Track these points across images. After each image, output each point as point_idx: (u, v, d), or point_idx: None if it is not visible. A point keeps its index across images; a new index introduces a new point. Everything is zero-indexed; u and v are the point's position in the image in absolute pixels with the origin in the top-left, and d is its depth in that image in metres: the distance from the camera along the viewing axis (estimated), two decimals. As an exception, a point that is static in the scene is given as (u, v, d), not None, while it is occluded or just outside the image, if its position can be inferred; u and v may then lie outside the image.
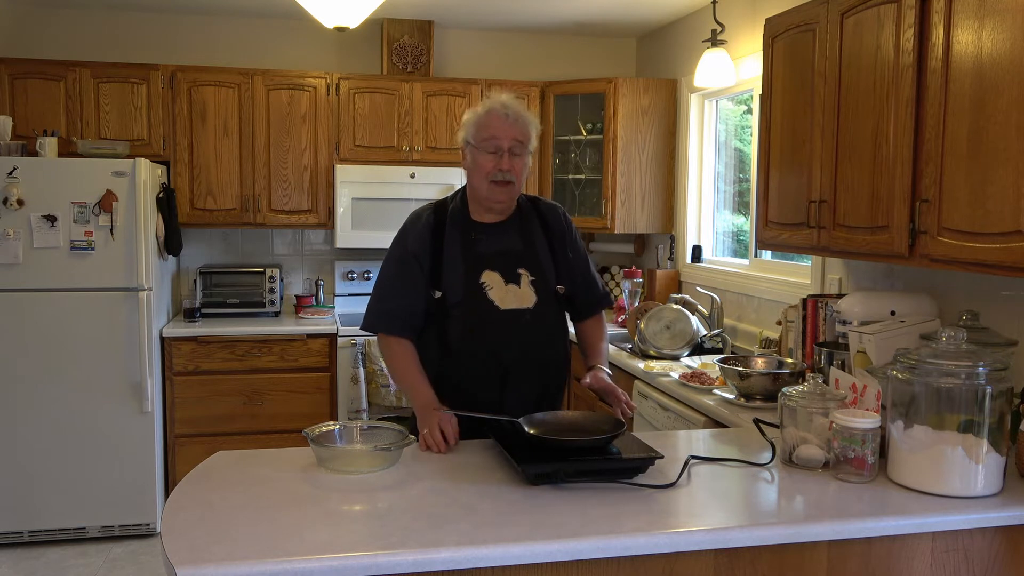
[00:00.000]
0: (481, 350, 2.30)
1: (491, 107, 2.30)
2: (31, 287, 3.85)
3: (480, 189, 2.32)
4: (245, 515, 1.67)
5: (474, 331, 2.30)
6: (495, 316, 2.30)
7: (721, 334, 3.79)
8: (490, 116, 2.29)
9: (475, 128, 2.31)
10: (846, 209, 2.57)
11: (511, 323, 2.30)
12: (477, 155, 2.30)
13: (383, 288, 2.39)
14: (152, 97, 4.36)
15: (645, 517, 1.69)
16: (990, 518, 1.79)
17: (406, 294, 2.34)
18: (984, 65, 2.01)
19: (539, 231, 2.43)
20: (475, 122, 2.32)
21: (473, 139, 2.31)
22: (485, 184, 2.30)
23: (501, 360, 2.30)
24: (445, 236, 2.35)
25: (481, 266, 2.32)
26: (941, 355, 1.87)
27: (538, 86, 4.79)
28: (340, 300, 4.88)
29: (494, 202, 2.33)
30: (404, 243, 2.38)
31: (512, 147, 2.28)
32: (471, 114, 2.35)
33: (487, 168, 2.28)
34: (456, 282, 2.31)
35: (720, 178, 4.47)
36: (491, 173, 2.28)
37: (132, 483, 4.00)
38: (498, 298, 2.31)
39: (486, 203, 2.34)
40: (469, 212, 2.39)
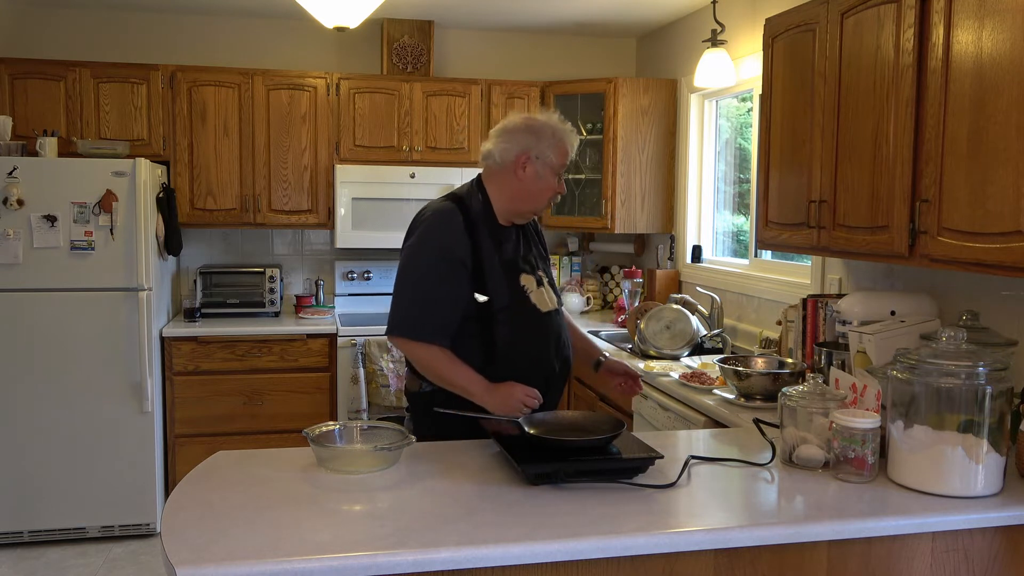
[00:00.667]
0: (528, 353, 2.32)
1: (567, 133, 2.35)
2: (31, 287, 3.85)
3: (534, 204, 2.35)
4: (245, 515, 1.67)
5: (523, 336, 2.32)
6: (539, 319, 2.35)
7: (721, 334, 3.79)
8: (567, 142, 2.34)
9: (556, 149, 2.32)
10: (846, 209, 2.57)
11: (550, 325, 2.38)
12: (548, 175, 2.32)
13: (426, 293, 2.25)
14: (152, 97, 4.36)
15: (645, 517, 1.69)
16: (990, 518, 1.79)
17: (453, 301, 2.25)
18: (984, 65, 2.01)
19: (531, 235, 2.49)
20: (557, 144, 2.32)
21: (550, 159, 2.31)
22: (542, 202, 2.35)
23: (547, 363, 2.36)
24: (479, 238, 2.29)
25: (516, 269, 2.35)
26: (941, 355, 1.87)
27: (538, 86, 4.79)
28: (340, 300, 4.88)
29: (533, 215, 2.41)
30: (443, 244, 2.26)
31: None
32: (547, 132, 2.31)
33: (552, 189, 2.34)
34: (500, 285, 2.29)
35: (720, 178, 4.47)
36: (553, 194, 2.36)
37: (132, 483, 4.00)
38: (537, 301, 2.36)
39: (525, 215, 2.38)
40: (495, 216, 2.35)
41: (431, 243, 2.28)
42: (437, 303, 2.25)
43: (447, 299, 2.25)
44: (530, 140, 2.30)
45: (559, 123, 2.35)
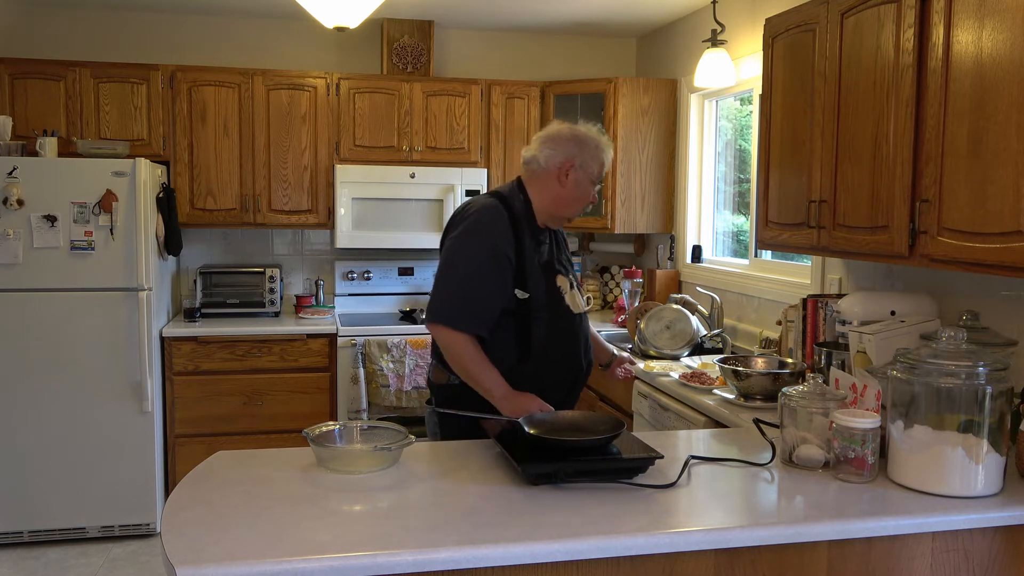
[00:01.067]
0: (560, 352, 2.41)
1: (607, 147, 2.47)
2: (31, 287, 3.85)
3: (571, 211, 2.45)
4: (245, 515, 1.67)
5: (557, 335, 2.40)
6: (571, 320, 2.45)
7: (721, 334, 3.79)
8: (607, 155, 2.47)
9: (598, 162, 2.44)
10: (846, 209, 2.57)
11: (581, 327, 2.48)
12: (586, 185, 2.44)
13: (472, 284, 2.30)
14: (152, 97, 4.36)
15: (645, 517, 1.69)
16: (990, 518, 1.79)
17: (497, 293, 2.31)
18: (984, 65, 2.01)
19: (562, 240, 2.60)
20: (598, 156, 2.44)
21: (590, 171, 2.43)
22: (579, 208, 2.46)
23: (577, 362, 2.46)
24: (523, 238, 2.37)
25: (552, 270, 2.44)
26: (941, 355, 1.87)
27: (538, 86, 4.79)
28: (340, 300, 4.88)
29: (567, 221, 2.51)
30: (490, 238, 2.32)
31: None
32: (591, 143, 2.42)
33: (588, 198, 2.46)
34: (539, 284, 2.38)
35: (720, 178, 4.47)
36: (587, 203, 2.48)
37: (132, 483, 4.00)
38: (571, 302, 2.46)
39: (559, 220, 2.48)
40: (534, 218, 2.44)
41: (478, 236, 2.34)
42: (480, 295, 2.31)
43: (490, 292, 2.31)
44: (575, 149, 2.41)
45: (600, 135, 2.46)
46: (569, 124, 2.47)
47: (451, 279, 2.33)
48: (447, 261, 2.36)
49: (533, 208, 2.42)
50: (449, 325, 2.30)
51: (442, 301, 2.33)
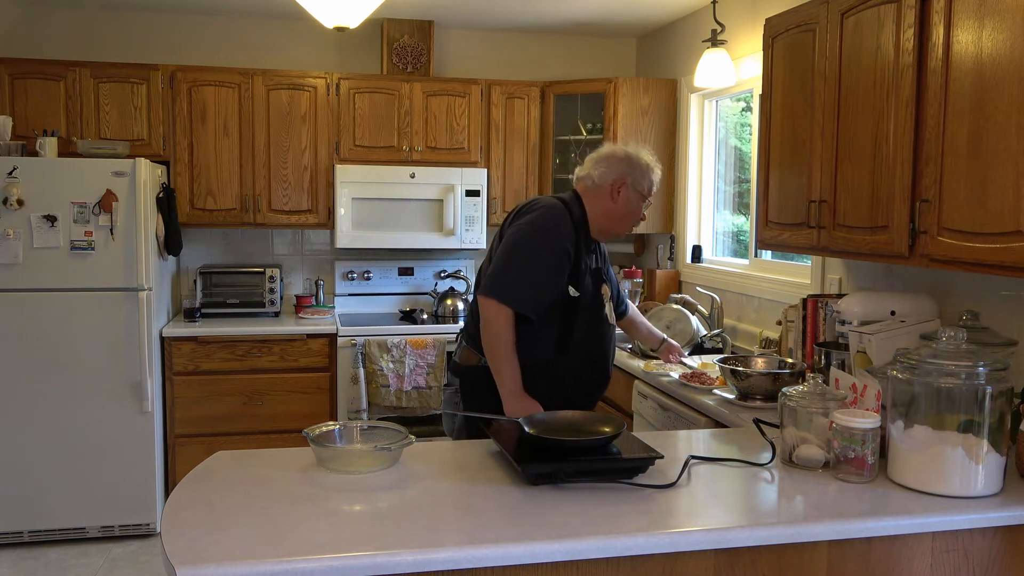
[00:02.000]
0: (593, 354, 2.56)
1: (656, 169, 2.62)
2: (31, 287, 3.85)
3: (622, 227, 2.61)
4: (245, 515, 1.67)
5: (594, 335, 2.55)
6: (607, 326, 2.61)
7: (721, 334, 3.79)
8: (657, 175, 2.62)
9: (648, 182, 2.59)
10: (846, 209, 2.57)
11: (612, 334, 2.65)
12: (638, 203, 2.59)
13: (534, 270, 2.43)
14: (152, 97, 4.36)
15: (645, 517, 1.69)
16: (990, 518, 1.79)
17: (550, 283, 2.44)
18: (984, 65, 2.01)
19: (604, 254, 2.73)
20: (649, 177, 2.59)
21: (645, 190, 2.59)
22: (628, 224, 2.61)
23: (605, 366, 2.61)
24: (579, 241, 2.51)
25: (599, 279, 2.60)
26: (941, 355, 1.87)
27: (538, 86, 4.79)
28: (340, 300, 4.88)
29: (616, 236, 2.68)
30: (558, 235, 2.46)
31: None
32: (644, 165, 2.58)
33: (638, 215, 2.61)
34: (588, 287, 2.53)
35: (720, 178, 4.47)
36: (637, 220, 2.62)
37: (132, 483, 4.00)
38: (608, 312, 2.62)
39: (611, 235, 2.63)
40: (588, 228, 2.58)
41: (545, 229, 2.47)
42: (536, 280, 2.43)
43: (545, 280, 2.44)
44: (627, 169, 2.56)
45: (651, 157, 2.63)
46: (623, 145, 2.66)
47: (512, 260, 2.46)
48: (511, 244, 2.47)
49: (588, 219, 2.57)
50: (501, 300, 2.41)
51: (498, 277, 2.44)
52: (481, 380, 2.49)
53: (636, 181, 2.57)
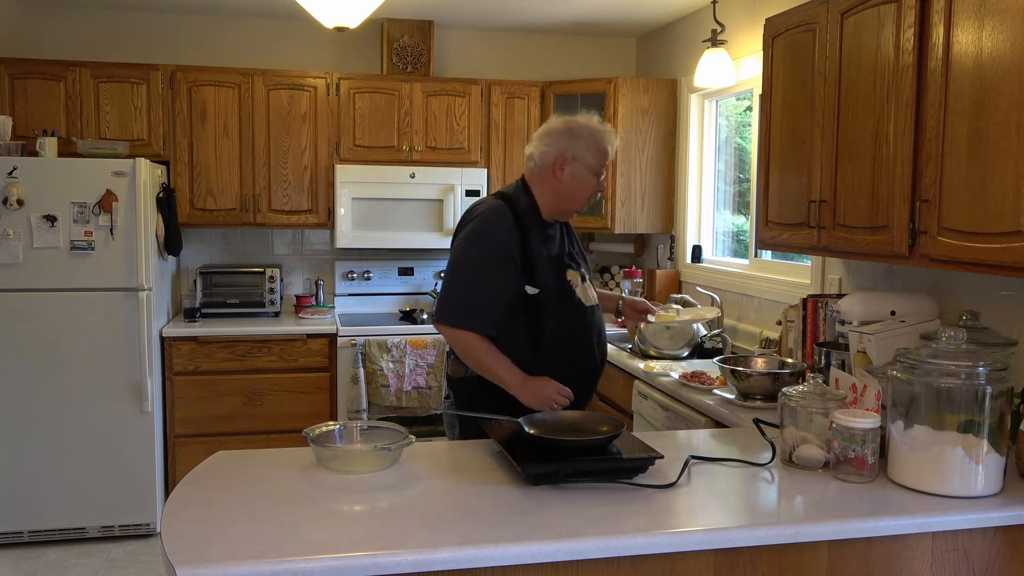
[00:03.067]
0: (572, 345, 2.44)
1: (605, 134, 2.45)
2: (31, 287, 3.85)
3: (575, 204, 2.47)
4: (245, 515, 1.67)
5: (568, 327, 2.43)
6: (583, 313, 2.48)
7: (721, 334, 3.79)
8: (607, 143, 2.45)
9: (594, 151, 2.43)
10: (846, 209, 2.57)
11: (592, 319, 2.51)
12: (586, 175, 2.44)
13: (477, 284, 2.36)
14: (152, 97, 4.36)
15: (645, 517, 1.69)
16: (990, 518, 1.79)
17: (501, 292, 2.36)
18: (984, 65, 2.01)
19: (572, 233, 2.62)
20: (594, 145, 2.42)
21: (593, 162, 2.43)
22: (583, 202, 2.47)
23: (589, 354, 2.48)
24: (530, 234, 2.41)
25: (562, 265, 2.48)
26: (941, 355, 1.87)
27: (538, 86, 4.79)
28: (340, 300, 4.88)
29: (574, 214, 2.52)
30: (495, 239, 2.37)
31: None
32: (585, 133, 2.42)
33: (592, 189, 2.46)
34: (549, 279, 2.41)
35: (720, 178, 4.47)
36: (592, 194, 2.47)
37: (132, 483, 4.00)
38: (582, 295, 2.49)
39: (567, 214, 2.50)
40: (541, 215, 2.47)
41: (482, 237, 2.39)
42: (484, 294, 2.36)
43: (494, 291, 2.36)
44: (567, 142, 2.42)
45: (597, 124, 2.45)
46: (567, 117, 2.48)
47: (455, 280, 2.40)
48: (453, 263, 2.42)
49: (538, 204, 2.46)
50: (454, 325, 2.37)
51: (447, 301, 2.40)
52: (475, 389, 2.44)
53: (579, 154, 2.41)
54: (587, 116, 2.48)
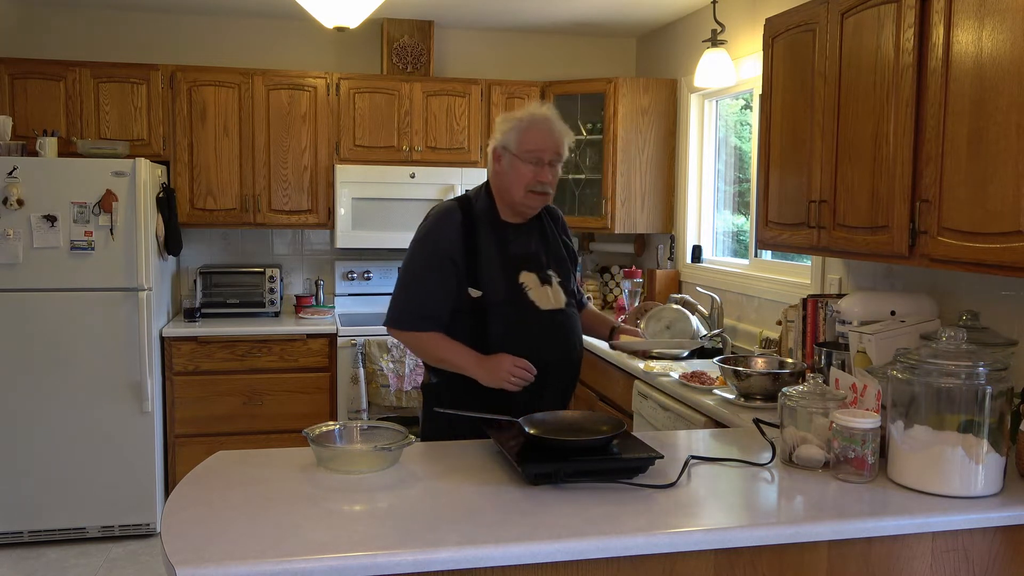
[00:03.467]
0: (522, 350, 2.32)
1: (535, 118, 2.35)
2: (31, 287, 3.85)
3: (515, 196, 2.36)
4: (245, 515, 1.67)
5: (516, 331, 2.34)
6: (536, 316, 2.36)
7: (721, 334, 3.79)
8: (536, 128, 2.34)
9: (518, 137, 2.34)
10: (846, 209, 2.57)
11: (550, 323, 2.38)
12: (518, 164, 2.34)
13: (414, 288, 2.37)
14: (152, 97, 4.36)
15: (645, 517, 1.69)
16: (990, 518, 1.79)
17: (438, 293, 2.33)
18: (984, 65, 2.01)
19: (554, 233, 2.52)
20: (519, 131, 2.34)
21: (515, 148, 2.34)
22: (522, 192, 2.35)
23: (543, 360, 2.33)
24: (478, 235, 2.36)
25: (518, 267, 2.38)
26: (941, 355, 1.87)
27: (538, 86, 4.79)
28: (340, 300, 4.88)
29: (528, 208, 2.40)
30: (435, 241, 2.35)
31: (552, 159, 2.35)
32: (513, 121, 2.37)
33: (527, 178, 2.33)
34: (496, 281, 2.34)
35: (720, 178, 4.47)
36: (531, 184, 2.34)
37: (132, 483, 4.00)
38: (537, 298, 2.37)
39: (518, 209, 2.39)
40: (498, 213, 2.41)
41: (424, 240, 2.39)
42: (422, 298, 2.36)
43: (434, 291, 2.34)
44: (501, 136, 2.38)
45: (534, 110, 2.38)
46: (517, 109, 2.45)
47: (398, 284, 2.42)
48: (400, 267, 2.44)
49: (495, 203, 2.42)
50: (396, 326, 2.39)
51: (391, 305, 2.41)
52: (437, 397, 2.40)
53: (509, 143, 2.35)
54: (533, 105, 2.43)
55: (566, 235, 2.59)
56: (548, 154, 2.34)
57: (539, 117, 2.36)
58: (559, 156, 2.37)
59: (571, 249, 2.58)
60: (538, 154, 2.33)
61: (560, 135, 2.37)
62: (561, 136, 2.37)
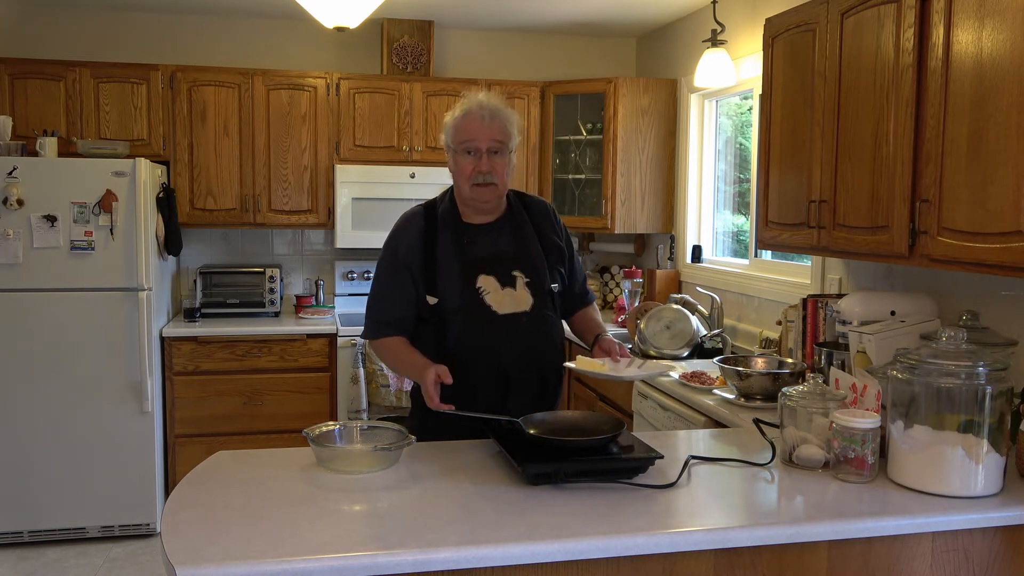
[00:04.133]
0: (480, 356, 2.27)
1: (468, 108, 2.28)
2: (31, 287, 3.85)
3: (463, 191, 2.30)
4: (245, 515, 1.67)
5: (472, 337, 2.27)
6: (493, 321, 2.27)
7: (721, 334, 3.79)
8: (466, 118, 2.27)
9: (453, 131, 2.29)
10: (846, 209, 2.57)
11: (509, 328, 2.28)
12: (457, 158, 2.29)
13: (376, 296, 2.38)
14: (152, 97, 4.36)
15: (645, 517, 1.69)
16: (990, 518, 1.79)
17: (397, 302, 2.33)
18: (984, 65, 2.01)
19: (530, 229, 2.40)
20: (453, 125, 2.30)
21: (452, 142, 2.30)
22: (467, 186, 2.28)
23: (501, 365, 2.28)
24: (437, 240, 2.31)
25: (476, 270, 2.29)
26: (941, 355, 1.87)
27: (538, 86, 4.79)
28: (340, 300, 4.88)
29: (479, 203, 2.31)
30: (395, 250, 2.35)
31: (491, 147, 2.26)
32: (449, 116, 2.33)
33: (467, 171, 2.26)
34: (452, 288, 2.28)
35: (720, 178, 4.47)
36: (472, 176, 2.26)
37: (132, 483, 4.00)
38: (495, 302, 2.28)
39: (471, 204, 2.32)
40: (460, 214, 2.35)
41: (385, 248, 2.39)
42: (383, 301, 2.36)
43: (392, 297, 2.34)
44: (444, 134, 2.34)
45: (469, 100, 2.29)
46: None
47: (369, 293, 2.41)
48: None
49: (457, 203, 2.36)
50: (364, 336, 2.41)
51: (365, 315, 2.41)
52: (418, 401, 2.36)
53: (448, 136, 2.31)
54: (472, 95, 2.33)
55: (553, 230, 2.45)
56: (484, 142, 2.25)
57: (471, 106, 2.27)
58: (500, 143, 2.26)
59: (558, 245, 2.44)
60: (473, 144, 2.25)
61: (495, 119, 2.26)
62: (497, 122, 2.26)
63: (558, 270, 2.42)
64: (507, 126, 2.29)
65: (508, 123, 2.30)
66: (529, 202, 2.47)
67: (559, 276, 2.42)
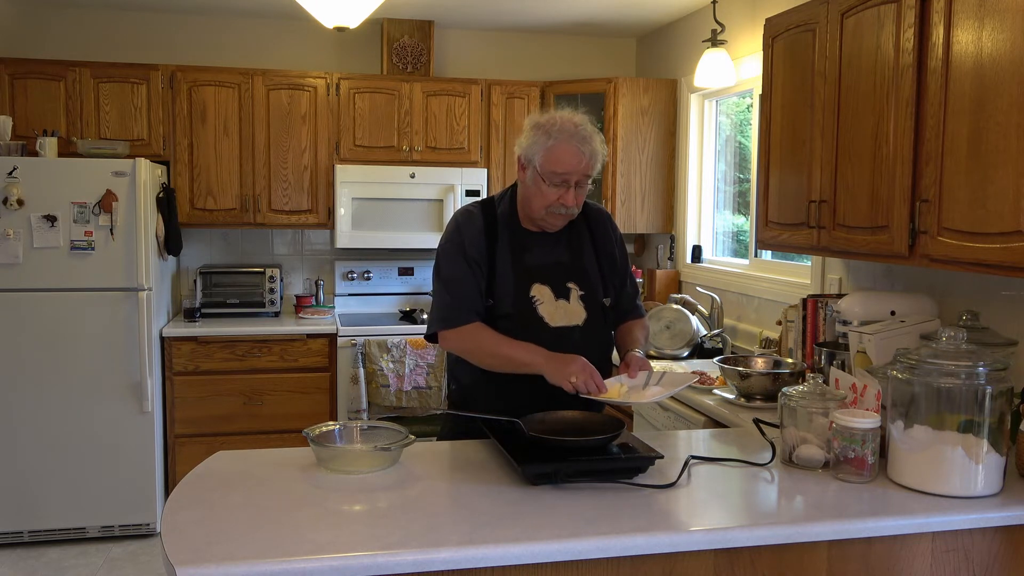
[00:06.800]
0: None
1: (565, 135, 2.15)
2: (31, 287, 3.85)
3: (535, 212, 2.23)
4: (245, 515, 1.67)
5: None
6: (543, 333, 2.21)
7: (721, 334, 3.79)
8: (564, 148, 2.14)
9: (544, 156, 2.15)
10: (846, 209, 2.57)
11: (559, 341, 2.20)
12: (540, 183, 2.17)
13: (453, 285, 2.23)
14: (152, 97, 4.36)
15: (645, 517, 1.69)
16: (990, 518, 1.79)
17: (476, 290, 2.23)
18: (984, 65, 2.01)
19: (587, 241, 2.34)
20: (545, 148, 2.15)
21: (539, 166, 2.16)
22: (542, 212, 2.21)
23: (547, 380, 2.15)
24: (497, 242, 2.25)
25: (532, 278, 2.24)
26: (941, 355, 1.87)
27: (538, 86, 4.79)
28: (340, 300, 4.88)
29: (547, 226, 2.26)
30: (461, 244, 2.25)
31: (579, 181, 2.19)
32: (540, 133, 2.17)
33: (550, 199, 2.18)
34: (507, 292, 2.23)
35: (720, 178, 4.47)
36: (553, 206, 2.19)
37: (132, 483, 4.00)
38: (548, 314, 2.23)
39: (539, 223, 2.26)
40: (519, 219, 2.29)
41: (450, 241, 2.28)
42: (463, 291, 2.22)
43: (471, 286, 2.22)
44: (526, 142, 2.20)
45: (564, 122, 2.16)
46: (547, 112, 2.23)
47: (437, 291, 2.29)
48: (433, 272, 2.33)
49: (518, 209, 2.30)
50: (445, 327, 2.24)
51: (434, 312, 2.28)
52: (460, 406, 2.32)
53: (532, 157, 2.17)
54: (565, 113, 2.20)
55: (611, 241, 2.38)
56: (575, 176, 2.16)
57: (567, 133, 2.14)
58: (588, 177, 2.20)
59: (615, 256, 2.37)
60: (563, 177, 2.15)
61: (591, 157, 2.17)
62: (591, 156, 2.17)
63: (612, 283, 2.36)
64: (598, 162, 2.20)
65: (599, 159, 2.21)
66: (588, 210, 2.37)
67: (612, 289, 2.36)
